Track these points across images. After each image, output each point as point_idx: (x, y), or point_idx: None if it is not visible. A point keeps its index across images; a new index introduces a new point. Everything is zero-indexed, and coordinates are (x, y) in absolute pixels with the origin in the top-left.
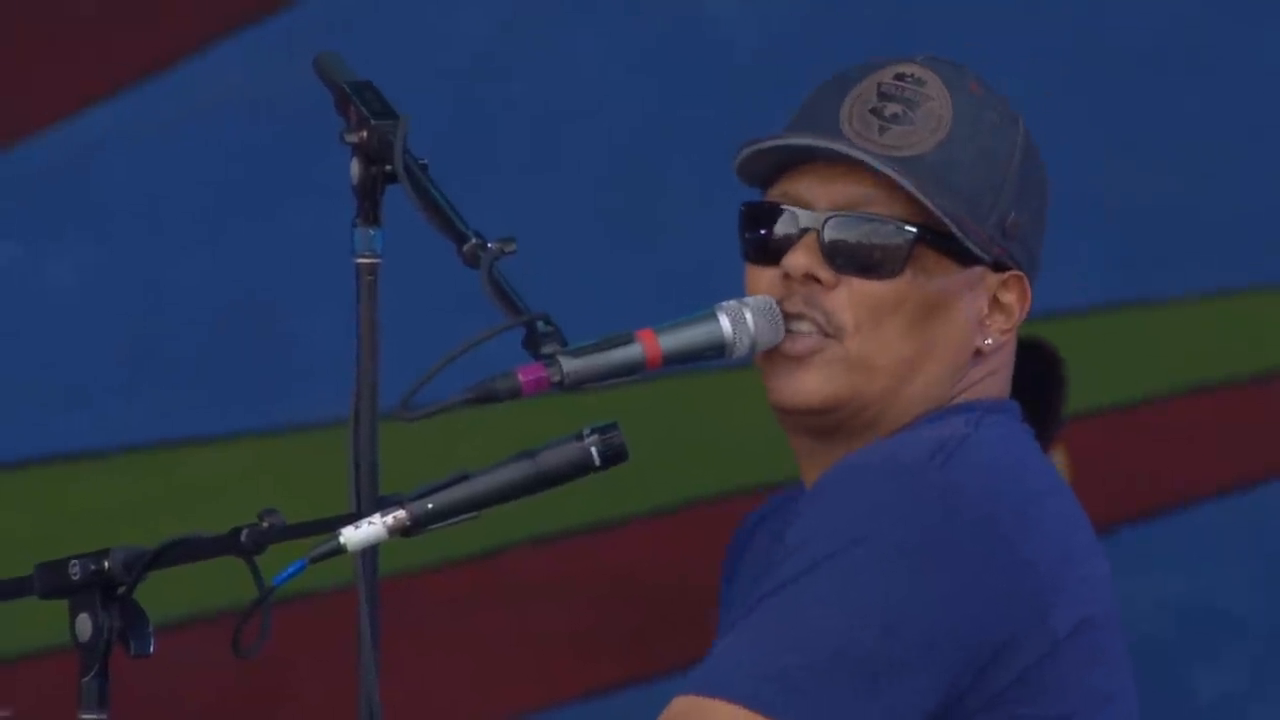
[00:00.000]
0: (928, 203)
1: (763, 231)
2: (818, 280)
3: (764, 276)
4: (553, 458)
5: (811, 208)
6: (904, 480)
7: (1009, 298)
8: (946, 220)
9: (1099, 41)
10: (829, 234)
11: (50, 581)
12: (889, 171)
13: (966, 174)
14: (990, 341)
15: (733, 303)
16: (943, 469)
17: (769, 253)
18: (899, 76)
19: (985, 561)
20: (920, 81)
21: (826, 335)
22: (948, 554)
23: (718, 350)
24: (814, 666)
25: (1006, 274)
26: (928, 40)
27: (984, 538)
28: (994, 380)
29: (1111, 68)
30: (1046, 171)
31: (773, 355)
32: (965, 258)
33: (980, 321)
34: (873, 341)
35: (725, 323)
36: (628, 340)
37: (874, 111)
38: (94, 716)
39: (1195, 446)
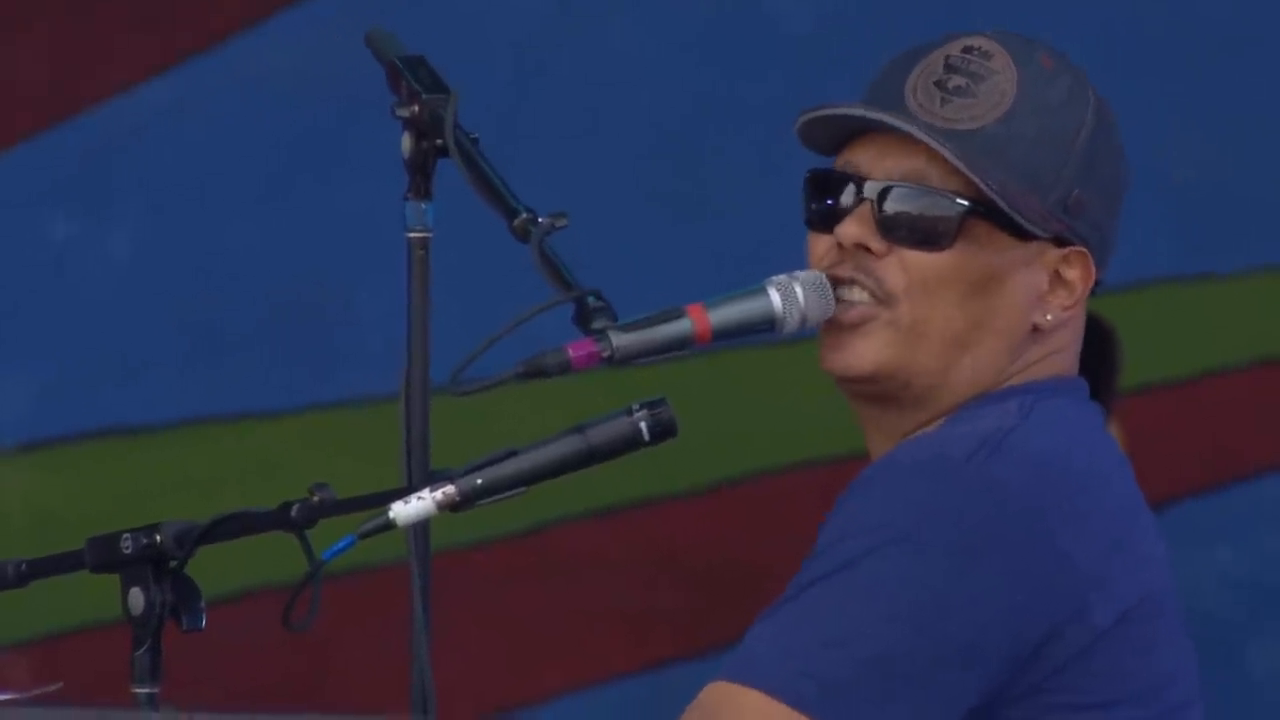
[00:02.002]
0: (972, 175)
1: (825, 199)
2: (870, 250)
3: (821, 243)
4: (602, 433)
5: (869, 177)
6: (945, 477)
7: (1072, 274)
8: (992, 194)
9: (1165, 15)
10: (882, 204)
11: (102, 555)
12: (932, 143)
13: (1027, 149)
14: (1050, 318)
15: (783, 277)
16: (985, 464)
17: (827, 220)
18: (967, 49)
19: (1024, 559)
20: (987, 55)
21: (879, 302)
22: (986, 552)
23: (768, 325)
24: (851, 664)
25: (1068, 249)
26: (987, 14)
27: (1024, 534)
28: (1059, 358)
29: (1176, 41)
30: (1121, 154)
31: (828, 323)
32: (1021, 232)
33: (1040, 297)
34: (924, 309)
35: (775, 297)
36: (678, 315)
37: (938, 84)
38: (146, 690)
39: (1256, 420)
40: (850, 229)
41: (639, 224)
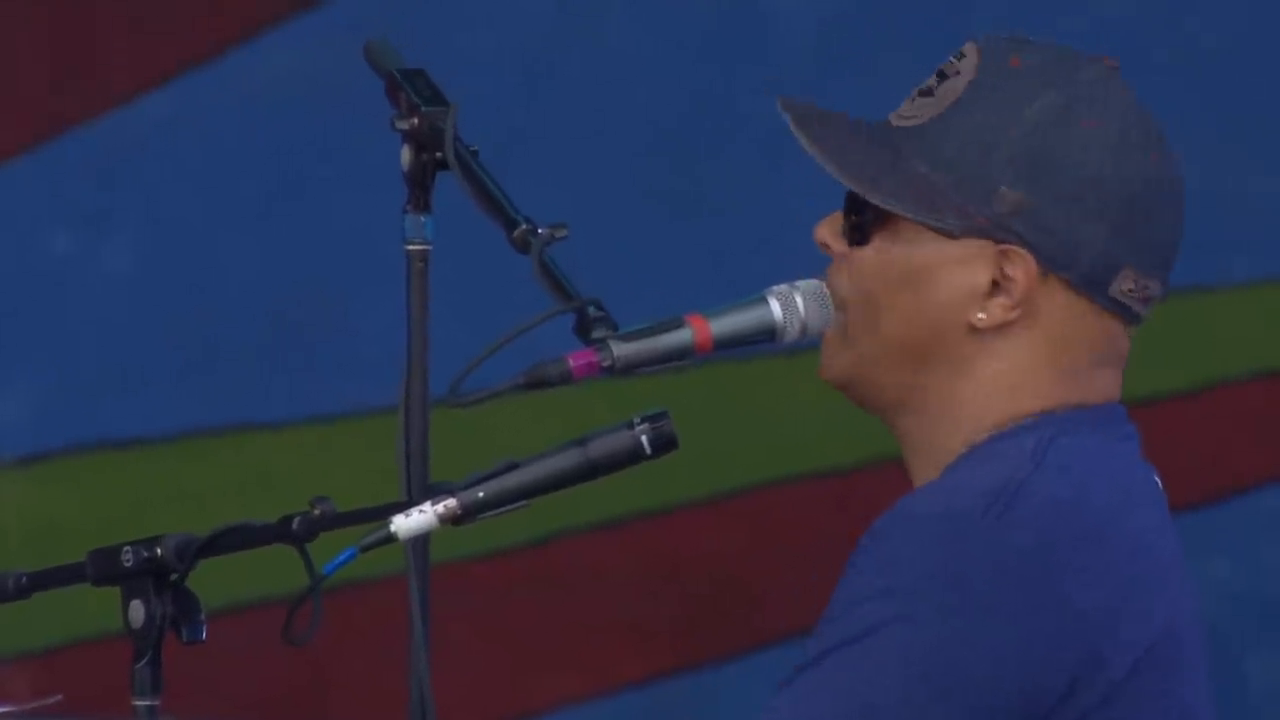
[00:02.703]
0: (827, 164)
1: None
2: (832, 251)
3: None
4: (603, 446)
5: None
6: (958, 538)
7: (1015, 273)
8: (858, 185)
9: (1166, 19)
10: (846, 205)
11: (103, 568)
12: (802, 139)
13: (959, 143)
14: (984, 315)
15: (783, 286)
16: (999, 521)
17: None
18: (954, 54)
19: (1037, 617)
20: (962, 55)
21: (837, 307)
22: (998, 612)
23: (768, 335)
24: None
25: (1003, 247)
26: (987, 14)
27: (1036, 592)
28: (1057, 377)
29: (1171, 52)
30: (1108, 154)
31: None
32: (942, 228)
33: (976, 295)
34: (860, 311)
35: (776, 307)
36: (678, 325)
37: (920, 89)
38: (146, 702)
39: (1256, 433)
40: (819, 231)
41: (636, 222)
